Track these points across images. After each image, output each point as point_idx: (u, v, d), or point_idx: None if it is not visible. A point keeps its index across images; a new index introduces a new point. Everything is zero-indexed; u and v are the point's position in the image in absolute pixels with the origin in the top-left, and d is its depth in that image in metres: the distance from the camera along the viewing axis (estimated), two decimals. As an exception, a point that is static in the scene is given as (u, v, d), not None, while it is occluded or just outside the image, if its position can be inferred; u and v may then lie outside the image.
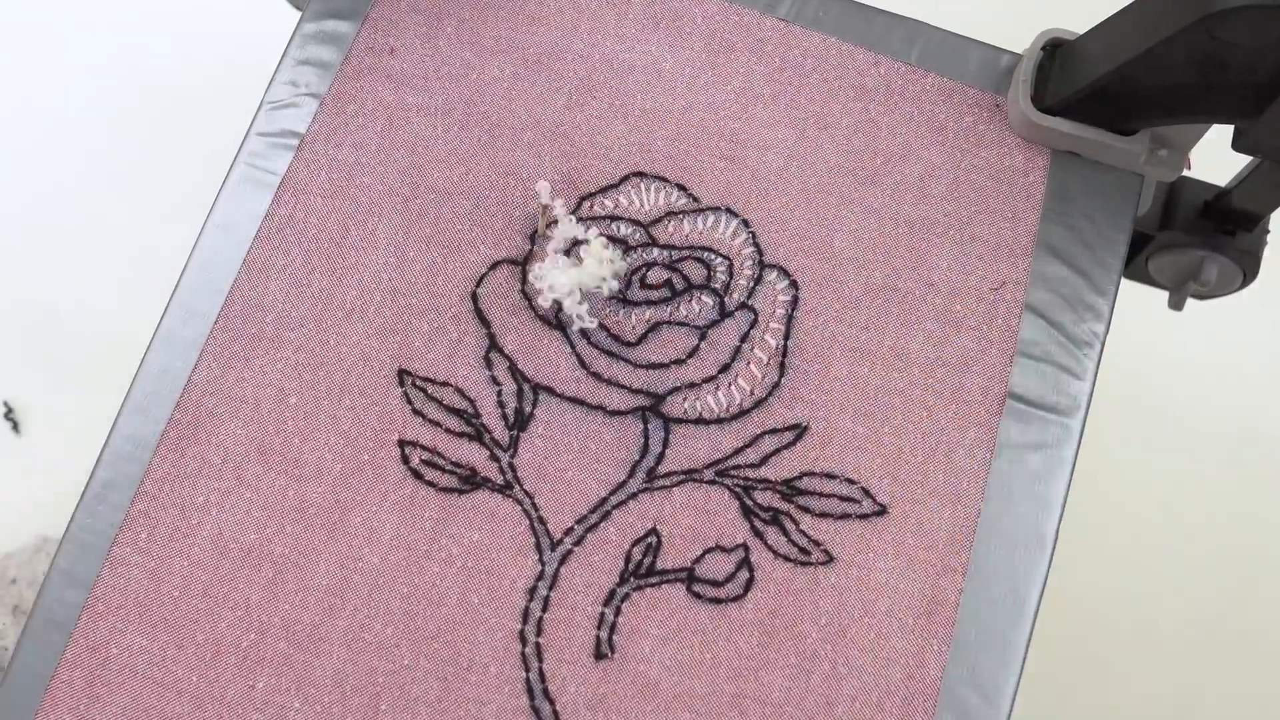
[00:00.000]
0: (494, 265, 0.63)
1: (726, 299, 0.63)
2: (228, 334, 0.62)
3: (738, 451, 0.60)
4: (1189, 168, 0.66)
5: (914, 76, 0.67)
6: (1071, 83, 0.63)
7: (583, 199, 0.64)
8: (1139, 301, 0.82)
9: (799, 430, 0.61)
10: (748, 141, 0.66)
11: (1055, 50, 0.66)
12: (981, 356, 0.62)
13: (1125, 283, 0.66)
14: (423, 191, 0.64)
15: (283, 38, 0.68)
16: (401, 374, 0.61)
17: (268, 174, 0.65)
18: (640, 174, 0.65)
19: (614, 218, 0.64)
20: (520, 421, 0.61)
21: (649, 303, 0.62)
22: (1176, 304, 0.77)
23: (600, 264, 0.62)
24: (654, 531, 0.59)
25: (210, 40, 1.30)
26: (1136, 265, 0.76)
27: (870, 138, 0.66)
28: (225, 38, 1.29)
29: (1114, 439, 1.14)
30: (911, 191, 0.65)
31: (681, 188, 0.65)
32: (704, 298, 0.62)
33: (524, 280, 0.63)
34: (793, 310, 0.63)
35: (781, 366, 0.62)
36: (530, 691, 0.58)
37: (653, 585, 0.59)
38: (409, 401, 0.61)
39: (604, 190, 0.65)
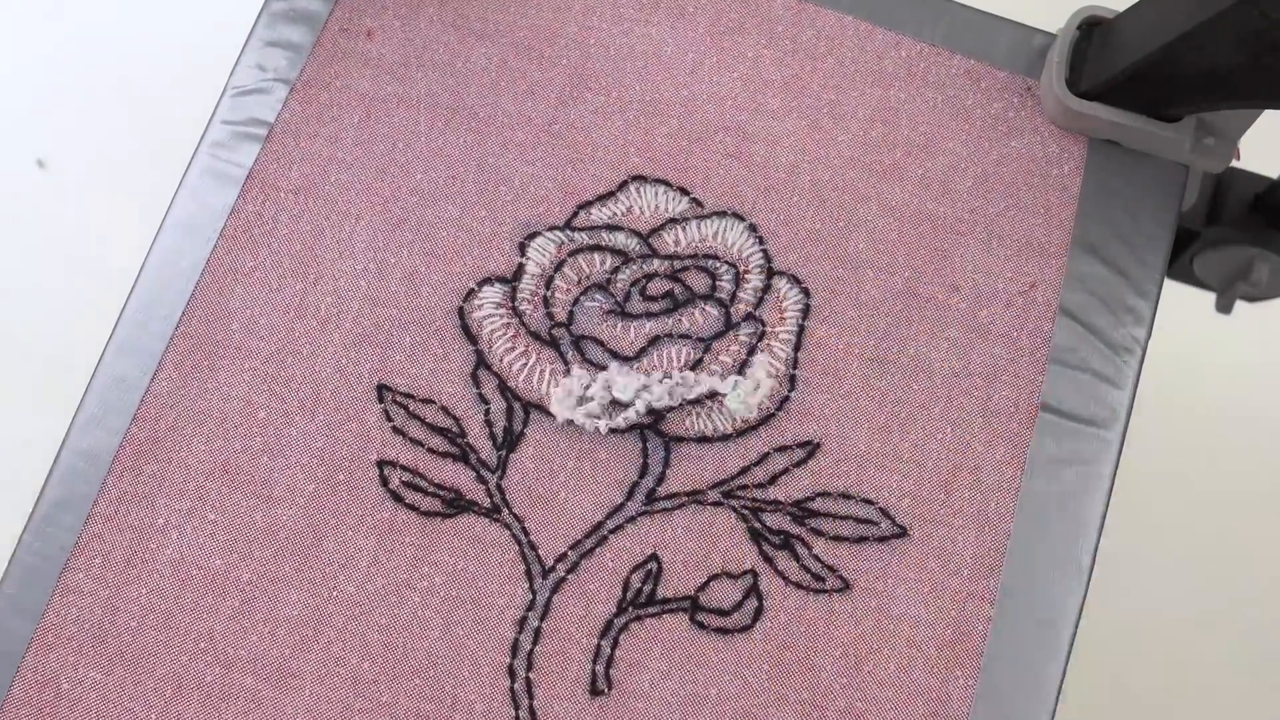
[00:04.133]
0: (483, 281, 0.64)
1: (732, 309, 0.63)
2: (190, 342, 0.63)
3: (745, 471, 0.61)
4: (1238, 158, 0.67)
5: (938, 58, 0.68)
6: (1110, 65, 0.63)
7: (579, 208, 0.65)
8: (1183, 304, 0.83)
9: (811, 447, 0.61)
10: (756, 135, 0.66)
11: (1092, 30, 0.66)
12: (1011, 365, 0.62)
13: (1168, 284, 0.66)
14: (404, 194, 0.65)
15: (249, 16, 0.68)
16: (381, 389, 0.62)
17: (233, 166, 0.65)
18: (640, 178, 0.65)
19: (612, 227, 0.65)
20: (509, 441, 0.61)
21: (649, 315, 0.63)
22: (1224, 306, 0.78)
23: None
24: (654, 557, 0.60)
25: (168, 18, 1.30)
26: (1181, 264, 0.76)
27: (890, 128, 0.66)
28: (185, 15, 1.29)
29: (1156, 454, 1.14)
30: (935, 186, 0.65)
31: (684, 191, 0.65)
32: (708, 309, 0.63)
33: (514, 297, 0.63)
34: (804, 319, 0.63)
35: (792, 379, 0.62)
36: (520, 730, 0.58)
37: (653, 615, 0.59)
38: (389, 418, 0.62)
39: (602, 198, 0.65)
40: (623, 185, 0.65)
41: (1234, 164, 0.68)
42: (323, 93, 0.66)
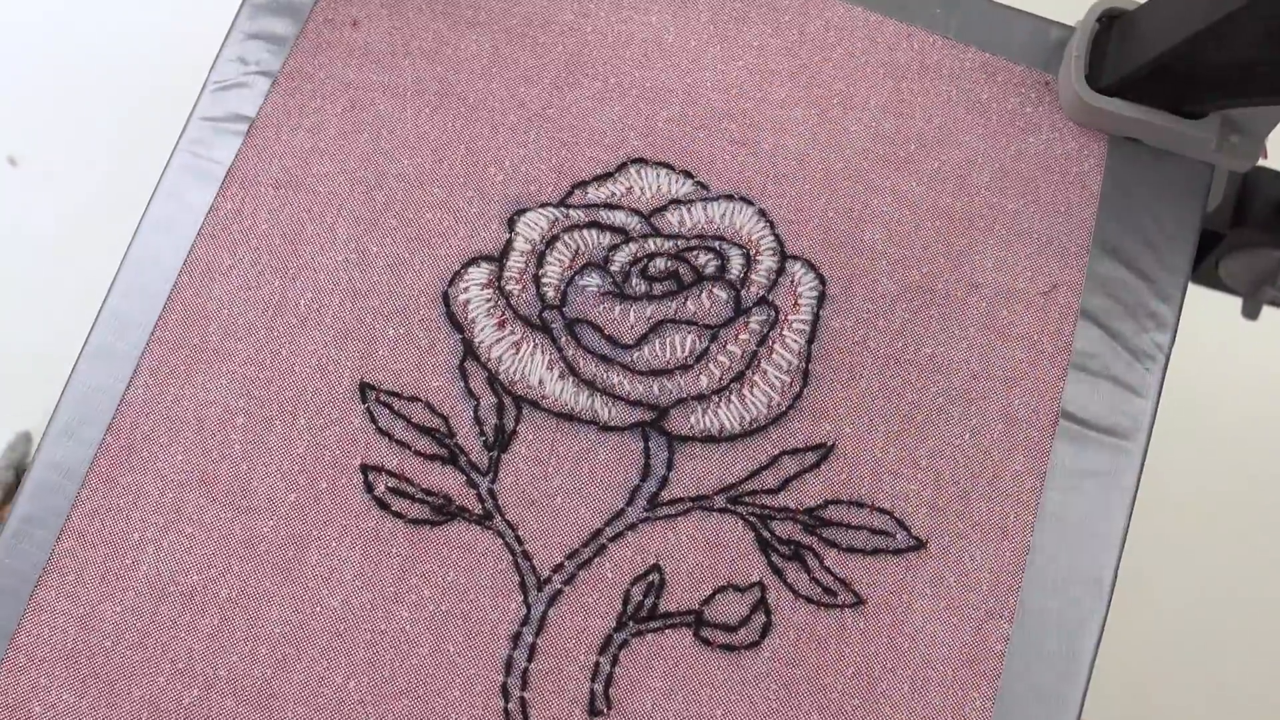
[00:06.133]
0: (469, 262, 0.63)
1: (744, 292, 0.62)
2: (166, 346, 0.62)
3: (753, 475, 0.60)
4: (1265, 156, 0.66)
5: (952, 51, 0.67)
6: (1131, 59, 0.63)
7: (574, 187, 0.64)
8: (1208, 309, 0.82)
9: (824, 451, 0.61)
10: (762, 124, 0.66)
11: (1113, 22, 0.66)
12: (1031, 370, 0.62)
13: (1192, 288, 0.66)
14: (389, 180, 0.64)
15: (229, 8, 0.68)
16: (364, 388, 0.61)
17: (212, 163, 0.65)
18: (641, 160, 0.65)
19: (610, 206, 0.64)
20: (501, 440, 0.61)
21: (651, 297, 0.62)
22: (1251, 312, 0.77)
23: None
24: (656, 568, 0.59)
25: (146, 11, 1.30)
26: (1205, 268, 0.76)
27: (902, 120, 0.66)
28: (163, 7, 1.29)
29: (1180, 465, 1.14)
30: (950, 181, 0.65)
31: (688, 174, 0.65)
32: (716, 291, 0.62)
33: (501, 276, 0.63)
34: (819, 308, 0.63)
35: (805, 374, 0.62)
36: (514, 754, 0.58)
37: (655, 630, 0.59)
38: (373, 420, 0.61)
39: (599, 179, 0.65)
40: (622, 167, 0.65)
41: (1261, 163, 0.67)
42: (306, 84, 0.66)
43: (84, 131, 1.26)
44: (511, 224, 0.64)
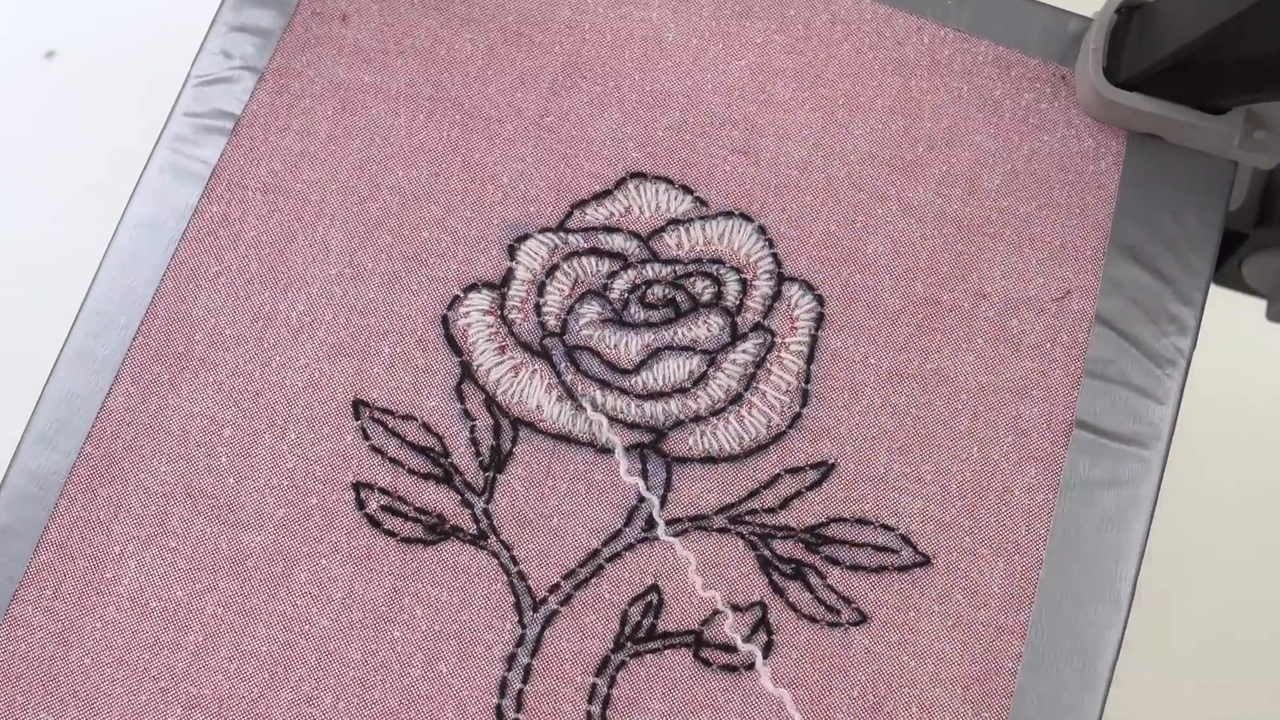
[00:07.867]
0: (469, 287, 0.64)
1: (739, 319, 0.63)
2: (149, 353, 0.63)
3: (753, 494, 0.61)
4: (1291, 153, 0.67)
5: (964, 45, 0.68)
6: (1151, 52, 0.63)
7: (573, 207, 0.65)
8: (1230, 312, 0.82)
9: (825, 469, 0.61)
10: (765, 129, 0.66)
11: (1132, 13, 0.66)
12: (1043, 379, 0.63)
13: (1214, 290, 0.66)
14: (383, 192, 0.65)
15: (213, -1, 0.68)
16: (357, 404, 0.62)
17: (196, 162, 0.65)
18: (640, 174, 0.66)
19: (609, 229, 0.65)
20: (497, 461, 0.61)
21: (649, 325, 0.63)
22: (1276, 314, 0.77)
23: None
24: (655, 588, 0.60)
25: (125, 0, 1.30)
26: (1228, 269, 0.76)
27: (911, 120, 0.66)
28: (143, -4, 1.29)
29: (1201, 475, 1.14)
30: (960, 185, 0.65)
31: (687, 190, 0.65)
32: (713, 318, 0.63)
33: (503, 305, 0.63)
34: (817, 329, 0.63)
35: (804, 394, 0.62)
36: (508, 778, 0.58)
37: (654, 651, 0.59)
38: (365, 436, 0.62)
39: (598, 197, 0.65)
40: (620, 183, 0.66)
41: (1286, 160, 0.68)
42: (294, 82, 0.67)
43: (62, 128, 1.25)
44: (512, 252, 0.64)
